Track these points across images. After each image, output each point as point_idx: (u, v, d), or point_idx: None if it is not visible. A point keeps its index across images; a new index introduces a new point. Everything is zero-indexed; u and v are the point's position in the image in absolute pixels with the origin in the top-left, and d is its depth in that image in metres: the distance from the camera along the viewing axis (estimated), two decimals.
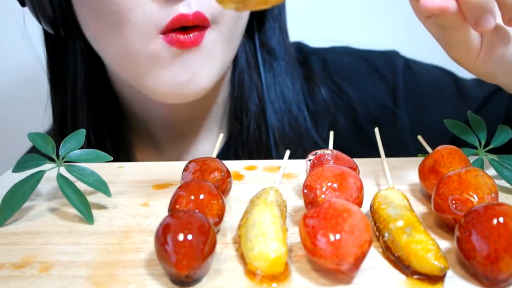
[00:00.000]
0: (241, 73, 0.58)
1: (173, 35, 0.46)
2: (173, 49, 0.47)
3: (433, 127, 0.41)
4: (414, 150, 0.43)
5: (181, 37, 0.46)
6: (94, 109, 0.57)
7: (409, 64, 0.65)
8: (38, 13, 0.51)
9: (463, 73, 0.58)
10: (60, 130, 0.59)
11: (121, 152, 0.60)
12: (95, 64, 0.56)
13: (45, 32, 0.56)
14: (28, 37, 0.59)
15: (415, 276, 0.27)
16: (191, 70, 0.48)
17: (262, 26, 0.59)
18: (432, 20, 0.36)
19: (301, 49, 0.67)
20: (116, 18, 0.46)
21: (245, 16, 0.52)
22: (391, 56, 0.65)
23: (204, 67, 0.49)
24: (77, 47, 0.55)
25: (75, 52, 0.55)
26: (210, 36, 0.48)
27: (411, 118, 0.61)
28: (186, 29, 0.46)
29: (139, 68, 0.49)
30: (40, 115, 0.63)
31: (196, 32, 0.47)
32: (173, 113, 0.59)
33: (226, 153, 0.59)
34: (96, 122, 0.57)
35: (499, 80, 0.40)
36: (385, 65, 0.64)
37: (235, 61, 0.57)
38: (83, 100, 0.56)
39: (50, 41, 0.57)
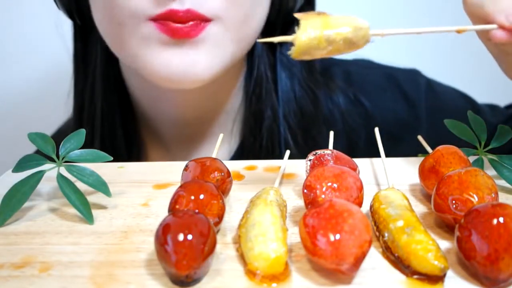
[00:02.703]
0: (259, 83, 0.57)
1: (165, 22, 0.46)
2: (164, 36, 0.46)
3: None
4: None
5: (174, 25, 0.45)
6: (108, 100, 0.58)
7: (431, 84, 0.65)
8: (57, 2, 0.54)
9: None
10: (79, 118, 0.60)
11: (134, 147, 0.60)
12: (111, 56, 0.57)
13: (73, 23, 0.58)
14: (61, 26, 0.61)
15: (415, 276, 0.27)
16: (187, 59, 0.48)
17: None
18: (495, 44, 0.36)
19: (322, 60, 0.66)
20: (107, 2, 0.47)
21: (257, 17, 0.52)
22: (413, 75, 0.66)
23: (204, 58, 0.48)
24: (97, 35, 0.55)
25: (96, 40, 0.56)
26: (213, 28, 0.47)
27: (430, 136, 0.61)
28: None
29: (132, 50, 0.49)
30: (41, 116, 0.63)
31: (191, 22, 0.46)
32: (180, 112, 0.58)
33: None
34: (110, 114, 0.58)
35: None
36: (408, 83, 0.64)
37: (253, 72, 0.57)
38: (99, 90, 0.57)
39: (76, 29, 0.59)
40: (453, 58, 0.98)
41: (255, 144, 0.58)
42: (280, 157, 0.57)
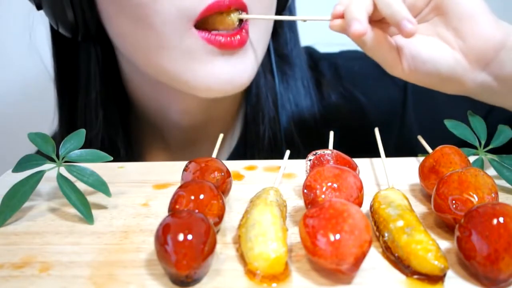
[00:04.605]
0: (258, 78, 0.57)
1: (212, 36, 0.45)
2: (213, 48, 0.46)
3: (444, 130, 0.42)
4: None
5: (223, 40, 0.45)
6: (109, 115, 0.56)
7: None
8: (57, 16, 0.50)
9: None
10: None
11: (134, 157, 0.60)
12: (109, 70, 0.56)
13: (54, 39, 0.56)
14: (35, 43, 0.59)
15: (415, 276, 0.27)
16: (235, 68, 0.48)
17: (276, 32, 0.59)
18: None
19: (311, 54, 0.66)
20: (143, 10, 0.45)
21: (273, 9, 0.52)
22: None
23: (248, 65, 0.48)
24: (91, 52, 0.54)
25: (89, 58, 0.54)
26: (251, 31, 0.47)
27: (422, 120, 0.61)
28: (224, 23, 0.46)
29: (174, 63, 0.47)
30: (43, 116, 0.63)
31: (239, 36, 0.46)
32: (191, 119, 0.58)
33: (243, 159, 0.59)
34: (111, 128, 0.57)
35: (451, 90, 0.42)
36: None
37: None
38: (98, 106, 0.55)
39: (60, 48, 0.56)
40: None
41: (258, 135, 0.58)
42: (282, 149, 0.57)
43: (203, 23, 0.46)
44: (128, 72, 0.57)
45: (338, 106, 0.61)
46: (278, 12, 0.56)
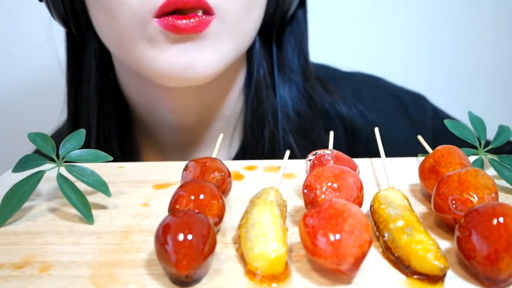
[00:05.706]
0: (259, 88, 0.57)
1: (169, 18, 0.45)
2: (169, 33, 0.46)
3: None
4: None
5: (178, 22, 0.45)
6: (103, 110, 0.57)
7: (437, 111, 0.66)
8: (51, 8, 0.52)
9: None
10: (73, 129, 0.59)
11: (128, 155, 0.60)
12: (107, 65, 0.56)
13: (66, 32, 0.57)
14: (52, 38, 0.60)
15: (415, 276, 0.27)
16: (191, 55, 0.47)
17: (282, 46, 0.58)
18: None
19: (329, 71, 0.66)
20: (112, 2, 0.46)
21: (255, 11, 0.51)
22: (420, 99, 0.67)
23: (206, 54, 0.48)
24: (92, 46, 0.55)
25: (91, 52, 0.55)
26: (215, 25, 0.47)
27: None
28: (185, 13, 0.45)
29: (138, 52, 0.48)
30: (43, 116, 0.63)
31: (197, 18, 0.45)
32: (178, 117, 0.58)
33: None
34: (105, 122, 0.57)
35: None
36: (414, 107, 0.65)
37: (252, 77, 0.57)
38: (94, 100, 0.56)
39: (70, 41, 0.58)
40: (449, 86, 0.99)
41: (257, 149, 0.57)
42: (280, 158, 0.57)
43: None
44: (117, 67, 0.58)
45: (345, 114, 0.61)
46: (281, 19, 0.56)
